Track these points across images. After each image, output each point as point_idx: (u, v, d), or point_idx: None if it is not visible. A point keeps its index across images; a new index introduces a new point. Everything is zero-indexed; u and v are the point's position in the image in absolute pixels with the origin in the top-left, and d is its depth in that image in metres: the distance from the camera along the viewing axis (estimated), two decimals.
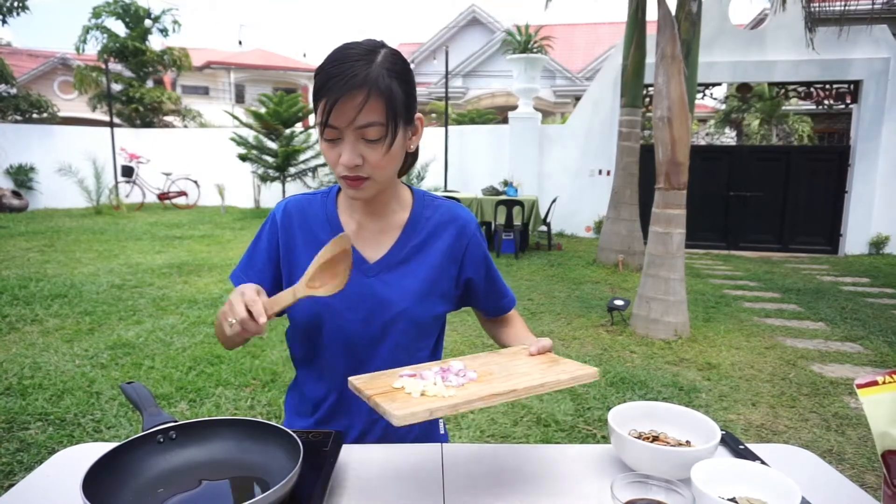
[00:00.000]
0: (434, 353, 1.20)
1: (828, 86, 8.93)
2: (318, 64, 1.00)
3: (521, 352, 1.01)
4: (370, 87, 0.93)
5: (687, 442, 0.97)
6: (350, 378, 0.90)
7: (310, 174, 12.35)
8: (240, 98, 23.87)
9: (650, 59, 6.34)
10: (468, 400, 0.79)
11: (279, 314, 1.00)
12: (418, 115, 1.06)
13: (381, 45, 1.01)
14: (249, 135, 12.38)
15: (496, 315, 1.26)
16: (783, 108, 15.73)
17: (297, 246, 1.14)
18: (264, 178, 12.27)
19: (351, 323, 1.10)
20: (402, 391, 0.84)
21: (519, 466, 0.99)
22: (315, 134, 12.52)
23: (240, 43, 27.23)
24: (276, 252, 1.15)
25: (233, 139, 12.08)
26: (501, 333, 1.25)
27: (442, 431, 1.28)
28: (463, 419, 3.07)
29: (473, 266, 1.17)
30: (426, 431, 1.23)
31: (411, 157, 1.15)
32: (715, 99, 14.65)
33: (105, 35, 15.71)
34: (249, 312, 0.89)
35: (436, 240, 1.14)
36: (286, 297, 0.95)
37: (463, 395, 0.81)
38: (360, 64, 0.94)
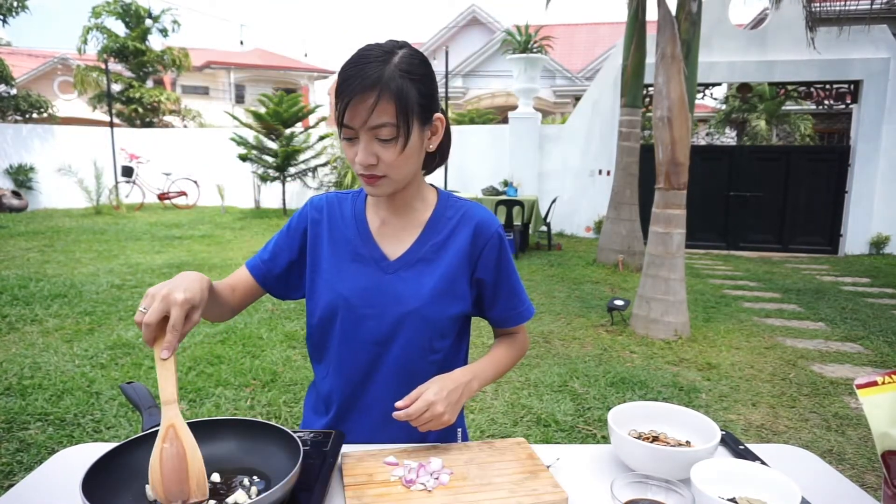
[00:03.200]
0: (454, 359, 1.18)
1: (828, 86, 8.92)
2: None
3: (510, 449, 1.02)
4: (382, 88, 0.95)
5: (687, 442, 0.97)
6: (343, 454, 0.97)
7: (310, 174, 12.34)
8: (240, 98, 23.87)
9: (650, 59, 6.34)
10: None
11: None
12: (438, 115, 1.07)
13: (402, 45, 1.02)
14: (249, 135, 12.39)
15: (501, 326, 1.24)
16: (784, 107, 15.74)
17: (322, 241, 1.17)
18: (264, 179, 12.27)
19: (365, 318, 1.12)
20: (370, 486, 0.88)
21: None
22: (315, 134, 12.58)
23: (241, 43, 27.24)
24: (297, 242, 1.19)
25: (233, 139, 12.09)
26: (492, 349, 1.24)
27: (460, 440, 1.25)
28: None
29: (485, 268, 1.16)
30: (443, 438, 1.19)
31: (438, 157, 1.17)
32: (715, 99, 14.65)
33: (105, 35, 15.73)
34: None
35: (454, 239, 1.15)
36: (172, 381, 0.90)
37: None
38: (374, 65, 0.96)
